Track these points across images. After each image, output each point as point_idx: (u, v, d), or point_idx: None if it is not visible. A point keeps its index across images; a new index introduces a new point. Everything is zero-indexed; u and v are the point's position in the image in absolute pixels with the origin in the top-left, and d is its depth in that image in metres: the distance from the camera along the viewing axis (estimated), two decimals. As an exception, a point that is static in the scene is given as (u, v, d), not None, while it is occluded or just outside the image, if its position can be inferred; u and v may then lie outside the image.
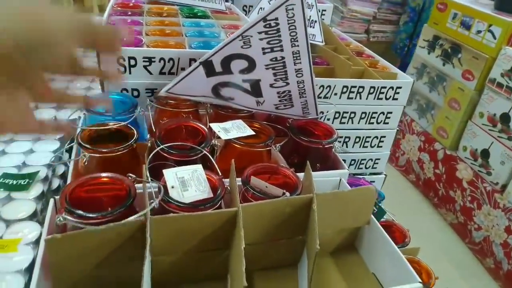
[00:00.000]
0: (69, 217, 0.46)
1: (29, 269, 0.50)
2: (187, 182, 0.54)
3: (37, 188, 0.62)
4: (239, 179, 0.56)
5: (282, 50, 0.68)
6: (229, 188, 0.56)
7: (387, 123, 0.97)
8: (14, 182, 0.62)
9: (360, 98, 0.92)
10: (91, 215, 0.46)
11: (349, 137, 0.96)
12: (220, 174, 0.58)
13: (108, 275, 0.49)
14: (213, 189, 0.55)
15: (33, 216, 0.57)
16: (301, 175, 0.60)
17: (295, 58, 0.69)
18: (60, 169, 0.71)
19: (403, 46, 2.95)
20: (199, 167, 0.57)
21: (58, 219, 0.46)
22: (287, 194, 0.54)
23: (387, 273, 0.57)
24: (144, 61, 0.76)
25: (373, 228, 0.60)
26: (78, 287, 0.48)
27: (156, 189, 0.51)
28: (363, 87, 0.91)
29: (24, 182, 0.62)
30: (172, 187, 0.53)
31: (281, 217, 0.54)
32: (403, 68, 2.18)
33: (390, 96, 0.94)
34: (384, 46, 2.98)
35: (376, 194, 0.59)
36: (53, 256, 0.45)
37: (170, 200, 0.51)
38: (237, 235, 0.49)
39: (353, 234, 0.63)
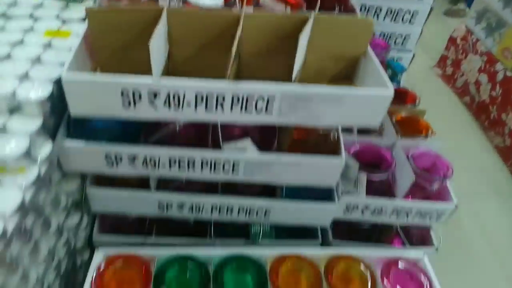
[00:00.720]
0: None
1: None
2: (206, -7, 0.63)
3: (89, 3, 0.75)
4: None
5: None
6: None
7: (422, -1, 0.98)
8: (73, -2, 0.76)
9: (396, -33, 0.93)
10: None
11: (381, 8, 0.98)
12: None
13: (135, 55, 0.60)
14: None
15: (83, 20, 0.71)
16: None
17: None
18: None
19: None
20: (217, -15, 0.65)
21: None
22: (288, 9, 0.61)
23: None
24: None
25: (368, 60, 0.66)
26: (111, 61, 0.61)
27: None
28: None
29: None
30: (192, -6, 0.62)
31: (281, 32, 0.62)
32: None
33: (428, -30, 0.93)
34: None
35: (372, 28, 0.64)
36: (92, 26, 0.58)
37: (189, 1, 0.60)
38: (237, 33, 0.57)
39: (350, 66, 0.69)
